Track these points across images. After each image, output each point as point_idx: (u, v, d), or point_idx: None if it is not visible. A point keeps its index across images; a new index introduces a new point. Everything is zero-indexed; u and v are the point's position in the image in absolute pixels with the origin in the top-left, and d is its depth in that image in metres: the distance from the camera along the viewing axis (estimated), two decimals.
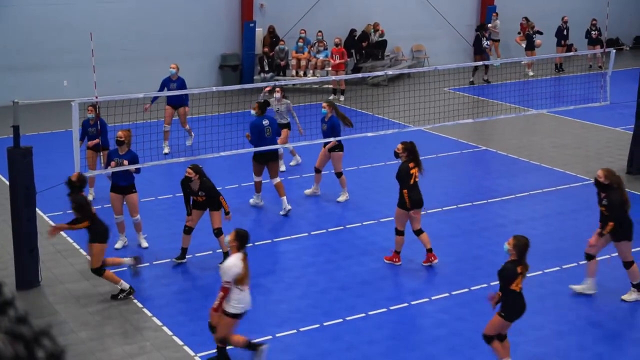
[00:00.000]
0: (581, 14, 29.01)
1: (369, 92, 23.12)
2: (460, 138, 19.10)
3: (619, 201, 10.62)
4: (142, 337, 10.04)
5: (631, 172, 16.60)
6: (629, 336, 10.08)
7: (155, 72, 23.12)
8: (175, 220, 13.63)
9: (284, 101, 15.98)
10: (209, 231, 13.44)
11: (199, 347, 9.75)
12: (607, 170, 10.87)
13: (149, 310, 10.71)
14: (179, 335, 10.06)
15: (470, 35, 28.19)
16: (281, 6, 25.16)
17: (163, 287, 11.42)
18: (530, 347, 9.81)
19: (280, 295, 11.20)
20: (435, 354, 9.64)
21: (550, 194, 15.43)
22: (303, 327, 10.18)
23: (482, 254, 12.45)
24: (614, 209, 10.61)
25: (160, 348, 9.76)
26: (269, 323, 10.35)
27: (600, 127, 20.42)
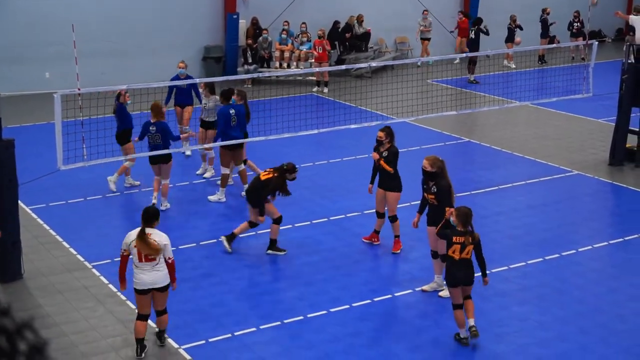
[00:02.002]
0: (564, 6, 29.09)
1: (353, 84, 23.12)
2: (443, 130, 19.13)
3: (448, 186, 10.48)
4: (127, 329, 10.00)
5: (613, 164, 16.69)
6: (613, 327, 10.13)
7: (138, 64, 23.11)
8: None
9: (212, 97, 15.30)
10: (193, 224, 13.43)
11: (183, 339, 9.72)
12: (432, 158, 10.59)
13: (133, 303, 10.65)
14: None
15: (453, 27, 28.20)
16: None
17: None
18: (513, 338, 9.84)
19: (264, 288, 11.19)
20: (419, 345, 9.66)
21: (533, 186, 15.49)
22: (287, 319, 10.17)
23: None
24: (444, 194, 10.40)
25: (145, 341, 9.71)
26: (254, 314, 10.34)
27: (583, 119, 20.51)
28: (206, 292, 11.00)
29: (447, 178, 10.63)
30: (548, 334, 9.97)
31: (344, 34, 25.75)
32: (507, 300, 10.84)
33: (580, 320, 10.30)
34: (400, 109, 18.70)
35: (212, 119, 15.27)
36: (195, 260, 12.02)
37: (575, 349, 9.61)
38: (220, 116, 14.20)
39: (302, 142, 17.22)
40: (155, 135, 13.66)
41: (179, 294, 10.88)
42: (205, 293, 10.96)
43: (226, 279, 11.41)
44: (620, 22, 32.04)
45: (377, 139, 11.94)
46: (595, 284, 11.35)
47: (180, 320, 10.13)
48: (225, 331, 9.85)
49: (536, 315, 10.44)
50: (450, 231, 9.44)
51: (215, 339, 9.63)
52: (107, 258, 11.95)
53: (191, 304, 10.63)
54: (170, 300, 10.17)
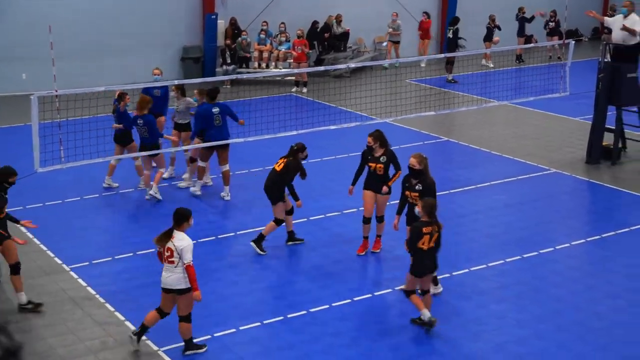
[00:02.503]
0: (540, 5, 29.25)
1: (332, 85, 23.16)
2: (422, 129, 19.19)
3: (433, 183, 10.55)
4: (105, 332, 9.97)
5: (590, 162, 16.82)
6: (590, 325, 10.21)
7: (116, 65, 23.02)
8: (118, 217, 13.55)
9: (183, 100, 15.12)
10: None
11: (163, 341, 9.70)
12: (418, 156, 10.65)
13: (112, 305, 10.64)
14: None
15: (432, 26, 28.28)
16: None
17: (125, 282, 11.35)
18: (491, 337, 9.90)
19: (244, 288, 11.18)
20: (399, 344, 9.70)
21: (510, 184, 15.57)
22: (267, 320, 10.18)
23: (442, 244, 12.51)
24: (429, 192, 10.44)
25: (124, 343, 9.69)
26: (234, 315, 10.34)
27: (560, 118, 20.64)
28: None
29: (430, 176, 10.70)
30: (525, 331, 10.03)
31: (323, 33, 25.78)
32: (485, 298, 10.90)
33: (557, 317, 10.38)
34: (380, 109, 18.77)
35: (185, 120, 15.17)
36: None
37: (553, 347, 9.68)
38: (201, 116, 14.15)
39: (282, 143, 17.15)
40: (143, 128, 13.95)
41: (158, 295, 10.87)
42: None
43: (206, 280, 11.39)
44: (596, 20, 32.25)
45: (367, 144, 11.75)
46: (573, 281, 11.44)
47: (160, 323, 10.11)
48: (204, 332, 9.84)
49: (514, 313, 10.51)
50: (420, 223, 9.67)
51: (195, 340, 9.61)
52: (85, 260, 11.91)
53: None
54: (149, 303, 10.18)
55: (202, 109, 14.23)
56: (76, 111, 14.79)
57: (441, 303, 10.68)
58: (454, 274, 11.56)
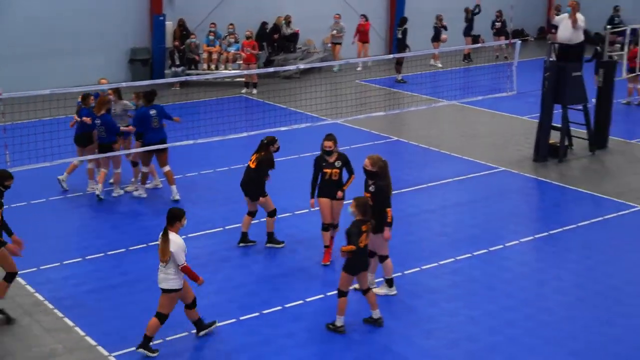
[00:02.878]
0: (487, 5, 29.58)
1: (282, 86, 23.14)
2: (372, 130, 19.25)
3: (387, 187, 10.59)
4: (54, 339, 9.79)
5: (537, 160, 17.04)
6: (540, 319, 10.34)
7: (64, 67, 22.66)
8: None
9: (120, 103, 14.81)
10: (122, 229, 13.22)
11: (113, 346, 9.57)
12: (374, 157, 10.65)
13: (60, 311, 10.46)
14: (92, 335, 9.85)
15: (380, 27, 28.45)
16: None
17: (73, 287, 11.16)
18: (444, 334, 9.96)
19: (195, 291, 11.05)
20: (350, 343, 9.70)
21: (461, 183, 15.70)
22: (219, 323, 10.09)
23: (394, 243, 12.50)
24: (381, 195, 10.49)
25: (73, 350, 9.54)
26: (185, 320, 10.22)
27: (508, 116, 20.88)
28: (136, 297, 10.85)
29: (387, 180, 10.65)
30: (477, 328, 10.11)
31: (272, 35, 25.72)
32: (437, 296, 10.96)
33: (508, 313, 10.48)
34: (330, 110, 18.79)
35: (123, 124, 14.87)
36: (124, 265, 11.85)
37: (504, 342, 9.77)
38: (139, 118, 14.10)
39: (232, 144, 17.12)
40: (100, 127, 13.99)
41: (108, 300, 10.74)
42: (135, 299, 10.80)
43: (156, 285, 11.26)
44: (542, 20, 32.78)
45: (325, 149, 11.60)
46: (522, 278, 11.56)
47: (110, 328, 9.98)
48: (156, 337, 9.72)
49: (465, 310, 10.58)
50: (359, 222, 9.65)
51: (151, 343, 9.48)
52: (33, 266, 11.68)
53: (121, 310, 10.48)
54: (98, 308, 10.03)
55: (140, 112, 14.19)
56: (22, 114, 14.52)
57: (394, 301, 10.72)
58: (406, 273, 11.61)
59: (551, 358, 9.43)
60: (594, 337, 9.90)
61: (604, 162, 17.14)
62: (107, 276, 11.49)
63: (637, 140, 18.56)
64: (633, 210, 14.19)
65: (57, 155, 14.49)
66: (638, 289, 11.23)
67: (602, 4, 29.09)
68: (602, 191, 15.16)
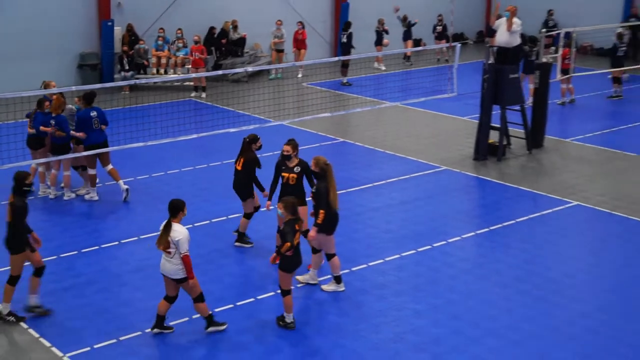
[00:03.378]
0: (430, 10, 29.92)
1: (230, 89, 23.12)
2: (319, 131, 19.33)
3: (325, 189, 10.60)
4: (7, 340, 9.69)
5: (477, 159, 17.26)
6: (482, 312, 10.51)
7: (10, 71, 22.27)
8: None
9: (66, 107, 14.52)
10: (72, 232, 13.09)
11: (66, 347, 9.50)
12: (316, 159, 10.73)
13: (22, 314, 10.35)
14: (46, 337, 9.75)
15: (326, 32, 28.56)
16: (139, 4, 24.68)
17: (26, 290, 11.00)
18: (390, 327, 10.09)
19: (147, 292, 11.02)
20: (301, 338, 9.77)
21: (405, 182, 15.85)
22: (173, 321, 10.06)
23: (341, 241, 12.65)
24: (318, 196, 10.62)
25: (28, 351, 9.45)
26: (138, 319, 10.19)
27: (449, 117, 21.13)
28: (89, 299, 10.77)
29: (327, 182, 10.68)
30: (422, 321, 10.26)
31: (220, 39, 25.66)
32: (384, 291, 11.08)
33: (451, 307, 10.65)
34: (277, 112, 18.83)
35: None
36: (77, 268, 11.74)
37: (447, 334, 9.94)
38: (81, 120, 14.10)
39: (183, 146, 17.08)
40: (55, 127, 13.90)
41: (62, 302, 10.64)
42: (88, 301, 10.72)
43: (108, 286, 11.21)
44: (481, 25, 33.25)
45: (284, 153, 11.49)
46: (465, 272, 11.74)
47: (64, 329, 9.91)
48: (110, 337, 9.69)
49: (411, 304, 10.72)
50: (292, 221, 9.73)
51: (100, 345, 9.45)
52: None
53: (75, 311, 10.40)
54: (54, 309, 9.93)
55: (81, 114, 14.21)
56: None
57: (342, 297, 10.83)
58: (354, 269, 11.71)
59: (494, 349, 9.61)
60: (534, 327, 10.11)
61: (541, 160, 17.45)
62: (60, 279, 11.38)
63: (572, 139, 18.95)
64: (568, 206, 14.49)
65: (7, 159, 14.27)
66: (574, 280, 11.49)
67: (537, 8, 29.62)
68: (539, 188, 15.44)
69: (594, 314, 10.49)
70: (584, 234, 13.38)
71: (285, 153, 11.48)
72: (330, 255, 10.88)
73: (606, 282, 11.48)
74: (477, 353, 9.52)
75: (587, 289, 11.26)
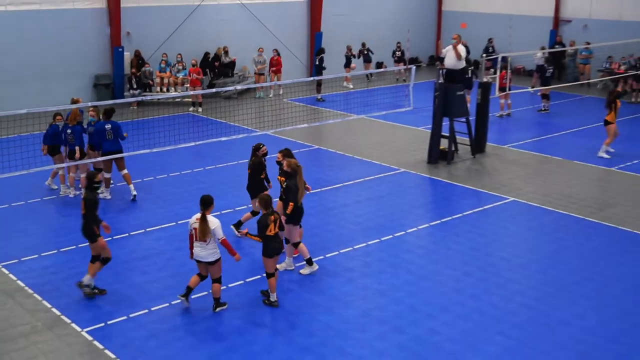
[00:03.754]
0: (388, 37, 29.96)
1: (222, 104, 22.98)
2: (297, 139, 19.25)
3: (295, 187, 10.55)
4: (34, 318, 9.54)
5: (430, 162, 17.27)
6: (435, 290, 10.51)
7: (38, 90, 22.01)
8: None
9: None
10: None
11: (84, 323, 9.39)
12: (290, 161, 10.68)
13: (39, 295, 10.19)
14: (67, 314, 9.64)
15: (302, 56, 28.49)
16: (145, 34, 24.48)
17: (50, 275, 10.88)
18: (359, 304, 10.06)
19: (154, 276, 10.87)
20: (283, 313, 9.70)
21: (370, 182, 15.83)
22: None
23: (318, 232, 12.63)
24: (289, 192, 10.57)
25: (51, 327, 9.32)
26: (146, 299, 10.05)
27: (406, 127, 21.13)
28: (103, 282, 10.58)
29: (296, 181, 10.60)
30: (385, 299, 10.24)
31: (214, 62, 25.49)
32: (353, 274, 11.05)
33: (409, 286, 10.64)
34: (262, 124, 18.71)
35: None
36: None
37: (406, 309, 9.93)
38: (97, 130, 13.93)
39: (182, 153, 16.94)
40: (70, 135, 13.91)
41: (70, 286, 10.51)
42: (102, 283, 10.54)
43: (119, 271, 11.07)
44: (431, 50, 33.33)
45: (277, 160, 11.35)
46: (420, 257, 11.73)
47: (81, 307, 9.77)
48: (121, 314, 9.55)
49: (376, 285, 10.70)
50: (265, 216, 9.75)
51: (113, 321, 9.32)
52: (15, 258, 11.35)
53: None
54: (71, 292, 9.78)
55: (97, 125, 14.00)
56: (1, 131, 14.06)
57: (317, 280, 10.78)
58: (327, 256, 11.67)
59: (445, 322, 9.62)
60: (479, 304, 10.12)
61: (483, 163, 17.49)
62: (78, 265, 11.22)
63: (509, 145, 19.01)
64: (506, 202, 14.54)
65: (33, 164, 14.09)
66: (511, 264, 11.52)
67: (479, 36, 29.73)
68: (482, 186, 15.48)
69: (527, 292, 10.52)
70: (519, 225, 13.43)
71: (277, 160, 11.34)
72: (296, 244, 10.78)
73: (538, 265, 11.53)
74: (431, 326, 9.51)
75: (522, 271, 11.30)
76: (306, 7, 28.58)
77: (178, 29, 24.97)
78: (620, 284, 10.81)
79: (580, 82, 26.81)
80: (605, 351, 8.99)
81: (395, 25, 30.72)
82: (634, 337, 9.31)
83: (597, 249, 12.10)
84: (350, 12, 29.68)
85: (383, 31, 30.44)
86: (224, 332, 9.28)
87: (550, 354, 8.92)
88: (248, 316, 9.68)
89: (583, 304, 10.17)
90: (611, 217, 13.59)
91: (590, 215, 13.70)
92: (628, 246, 12.26)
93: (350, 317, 9.72)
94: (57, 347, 8.89)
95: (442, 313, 9.85)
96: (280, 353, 8.84)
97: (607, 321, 9.70)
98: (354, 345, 9.02)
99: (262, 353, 8.83)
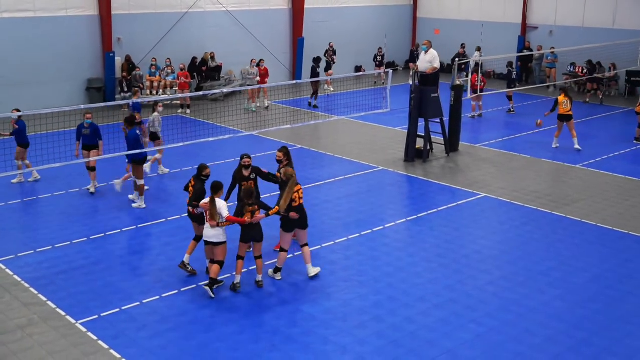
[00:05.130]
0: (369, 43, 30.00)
1: (210, 106, 22.87)
2: (281, 139, 19.20)
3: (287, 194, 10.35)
4: (30, 311, 9.45)
5: (407, 160, 17.31)
6: (412, 282, 10.54)
7: (33, 93, 21.79)
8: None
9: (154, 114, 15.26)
10: (83, 222, 12.82)
11: (78, 315, 9.31)
12: (287, 170, 10.45)
13: (35, 289, 10.09)
14: (62, 307, 9.55)
15: (286, 62, 28.44)
16: (135, 39, 24.30)
17: (46, 269, 10.78)
18: (340, 295, 10.07)
19: (145, 270, 10.81)
20: (269, 306, 9.68)
21: (350, 179, 15.84)
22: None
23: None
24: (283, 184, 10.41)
25: (47, 319, 9.23)
26: (138, 292, 9.98)
27: (384, 128, 21.16)
28: (97, 276, 10.53)
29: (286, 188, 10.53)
30: (365, 290, 10.25)
31: (201, 67, 25.37)
32: (335, 267, 11.05)
33: (388, 278, 10.66)
34: (247, 124, 18.65)
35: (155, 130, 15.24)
36: (86, 251, 11.50)
37: (385, 299, 9.95)
38: (135, 139, 13.38)
39: (172, 152, 16.84)
40: (87, 130, 14.07)
41: (74, 279, 10.41)
42: (96, 277, 10.48)
43: (112, 265, 10.99)
44: (407, 55, 33.39)
45: (277, 159, 11.20)
46: (398, 250, 11.76)
47: (75, 301, 9.70)
48: (114, 307, 9.48)
49: (356, 276, 10.71)
50: (243, 204, 9.91)
51: (106, 313, 9.25)
52: (11, 254, 11.23)
53: (85, 286, 10.19)
54: (66, 286, 9.68)
55: (132, 134, 13.41)
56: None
57: (301, 272, 10.76)
58: (311, 249, 11.61)
59: (422, 311, 9.65)
60: (453, 294, 10.17)
61: (457, 161, 17.56)
62: (72, 260, 11.14)
63: (480, 144, 19.10)
64: (478, 197, 14.61)
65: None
66: (483, 256, 11.58)
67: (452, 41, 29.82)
68: (456, 183, 15.54)
69: (498, 282, 10.59)
70: (491, 219, 13.50)
71: (277, 159, 11.17)
72: (283, 250, 10.52)
73: (508, 257, 11.60)
74: (409, 315, 9.54)
75: (493, 262, 11.36)
76: (289, 14, 28.54)
77: (167, 35, 24.85)
78: (584, 273, 10.92)
79: (547, 84, 27.02)
80: (570, 336, 9.08)
81: (372, 31, 30.78)
82: (595, 323, 9.41)
83: (563, 241, 12.20)
84: (330, 19, 29.69)
85: (361, 37, 30.47)
86: (212, 323, 9.25)
87: (520, 339, 8.98)
88: (235, 308, 9.65)
89: (550, 292, 10.25)
90: (575, 211, 13.71)
91: (556, 209, 13.81)
92: (591, 238, 12.37)
93: (332, 307, 9.72)
94: (53, 339, 8.81)
95: (419, 303, 9.88)
96: (266, 342, 8.82)
97: (571, 308, 9.79)
98: (336, 334, 9.03)
99: (248, 342, 8.81)
